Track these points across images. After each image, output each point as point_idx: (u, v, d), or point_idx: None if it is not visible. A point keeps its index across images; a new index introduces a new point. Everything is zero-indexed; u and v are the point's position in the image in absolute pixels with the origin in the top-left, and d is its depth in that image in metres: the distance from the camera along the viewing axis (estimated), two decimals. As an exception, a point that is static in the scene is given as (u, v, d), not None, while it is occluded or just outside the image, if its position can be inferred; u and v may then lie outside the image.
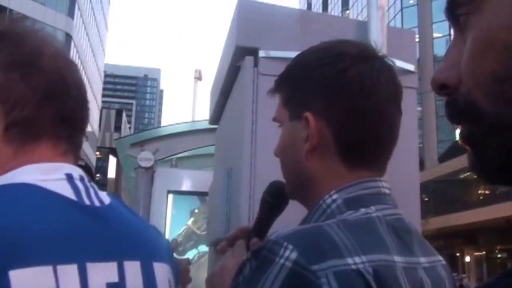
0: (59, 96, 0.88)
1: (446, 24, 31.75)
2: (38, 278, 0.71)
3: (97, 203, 0.87)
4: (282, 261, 0.80)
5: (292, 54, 1.84)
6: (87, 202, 0.85)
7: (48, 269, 0.73)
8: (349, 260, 0.82)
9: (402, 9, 39.28)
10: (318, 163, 1.00)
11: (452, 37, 0.56)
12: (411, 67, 2.08)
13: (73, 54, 33.14)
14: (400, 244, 0.92)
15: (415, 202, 2.12)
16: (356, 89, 0.98)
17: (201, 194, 7.12)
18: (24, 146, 0.85)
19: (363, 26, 2.17)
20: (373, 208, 0.94)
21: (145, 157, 7.16)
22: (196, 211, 8.32)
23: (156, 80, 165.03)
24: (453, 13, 0.53)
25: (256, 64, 1.94)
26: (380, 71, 1.01)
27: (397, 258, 0.88)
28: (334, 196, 0.96)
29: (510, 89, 0.46)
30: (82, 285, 0.78)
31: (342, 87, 0.99)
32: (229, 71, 2.20)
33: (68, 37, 34.88)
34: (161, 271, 0.96)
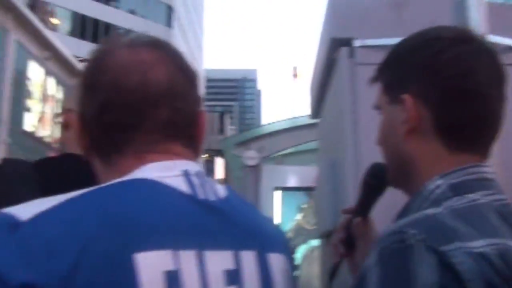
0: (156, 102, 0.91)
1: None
2: (159, 261, 0.76)
3: (212, 197, 0.90)
4: (414, 242, 0.82)
5: (388, 41, 1.83)
6: (201, 196, 0.88)
7: (168, 253, 0.77)
8: (472, 244, 0.82)
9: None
10: (417, 146, 1.01)
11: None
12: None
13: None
14: (510, 229, 0.90)
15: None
16: (454, 70, 0.98)
17: (307, 190, 7.18)
18: (106, 157, 0.92)
19: (460, 5, 2.09)
20: (479, 194, 0.93)
21: (250, 155, 7.34)
22: (305, 206, 8.38)
23: (254, 80, 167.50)
24: None
25: (351, 54, 1.95)
26: (479, 53, 1.00)
27: (511, 243, 0.86)
28: (438, 182, 0.96)
29: None
30: (201, 270, 0.81)
31: (440, 69, 0.99)
32: (326, 64, 2.22)
33: (169, 46, 36.17)
34: (277, 261, 0.96)
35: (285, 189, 8.01)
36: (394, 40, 1.86)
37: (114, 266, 0.72)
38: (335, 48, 2.03)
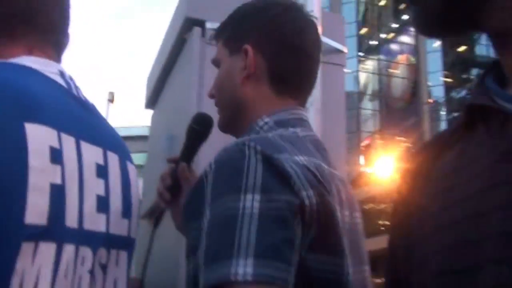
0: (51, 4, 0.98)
1: (354, 61, 33.50)
2: (46, 136, 0.79)
3: (83, 99, 0.97)
4: (252, 154, 0.94)
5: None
6: (76, 94, 0.95)
7: (54, 132, 0.81)
8: (297, 158, 0.98)
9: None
10: (252, 89, 1.18)
11: None
12: (341, 46, 2.31)
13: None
14: (322, 156, 1.09)
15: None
16: (289, 30, 1.18)
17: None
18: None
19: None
20: (298, 129, 1.11)
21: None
22: None
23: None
24: None
25: (203, 34, 2.08)
26: (308, 21, 1.21)
27: (323, 164, 1.05)
28: (266, 119, 1.14)
29: None
30: (78, 157, 0.85)
31: (278, 27, 1.18)
32: (175, 44, 2.32)
33: None
34: (132, 169, 1.05)
35: None
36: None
37: (7, 130, 0.74)
38: (188, 28, 2.14)
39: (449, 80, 28.92)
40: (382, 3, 31.50)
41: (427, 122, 26.78)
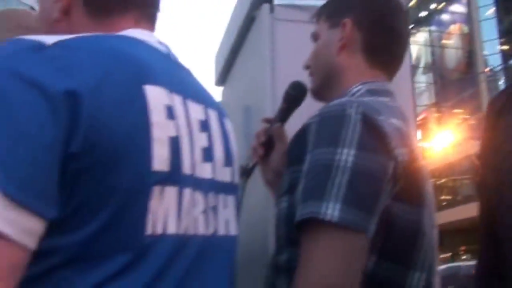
0: None
1: None
2: (161, 95, 0.88)
3: (180, 63, 1.08)
4: (353, 113, 1.06)
5: (304, 1, 2.11)
6: (175, 59, 1.07)
7: (166, 91, 0.90)
8: (391, 120, 1.12)
9: None
10: (346, 59, 1.33)
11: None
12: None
13: None
14: (407, 126, 1.22)
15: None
16: (385, 8, 1.36)
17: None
18: (102, 19, 1.02)
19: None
20: (387, 99, 1.25)
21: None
22: None
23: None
24: None
25: (272, 10, 2.20)
26: (398, 3, 1.40)
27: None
28: (360, 86, 1.28)
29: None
30: (185, 113, 0.94)
31: (376, 5, 1.37)
32: (244, 21, 2.46)
33: None
34: (229, 125, 1.15)
35: None
36: (310, 2, 2.16)
37: (130, 90, 0.83)
38: (257, 6, 2.27)
39: (505, 48, 27.92)
40: (430, -27, 30.60)
41: (485, 93, 26.04)
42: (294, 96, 1.50)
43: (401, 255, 1.10)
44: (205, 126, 1.01)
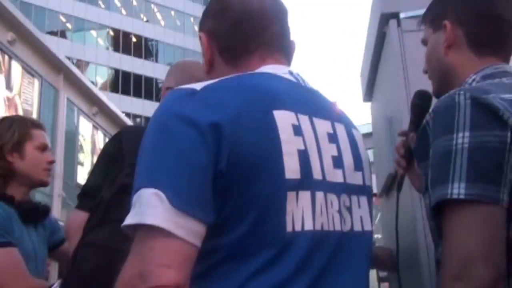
0: (243, 23, 1.23)
1: None
2: (288, 117, 1.04)
3: (310, 87, 1.24)
4: (462, 99, 1.12)
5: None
6: (303, 84, 1.22)
7: (293, 114, 1.06)
8: (503, 95, 1.14)
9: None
10: (455, 56, 1.38)
11: None
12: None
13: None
14: None
15: None
16: (481, 2, 1.39)
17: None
18: (235, 63, 1.24)
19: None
20: (504, 78, 1.28)
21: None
22: None
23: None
24: None
25: (399, 25, 2.33)
26: None
27: None
28: (473, 76, 1.33)
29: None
30: (313, 128, 1.10)
31: (472, 1, 1.40)
32: (377, 40, 2.60)
33: None
34: (358, 135, 1.27)
35: None
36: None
37: (262, 117, 1.01)
38: (385, 23, 2.41)
39: None
40: None
41: None
42: (420, 105, 1.58)
43: None
44: (333, 138, 1.15)
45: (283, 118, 1.03)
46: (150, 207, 0.89)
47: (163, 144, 0.95)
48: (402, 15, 2.30)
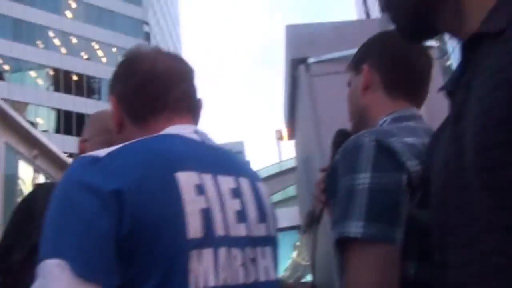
0: (149, 84, 1.26)
1: None
2: (191, 178, 1.07)
3: (215, 145, 1.28)
4: (367, 141, 1.17)
5: (334, 55, 2.34)
6: (209, 143, 1.24)
7: (195, 173, 1.09)
8: (405, 139, 1.20)
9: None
10: (371, 98, 1.44)
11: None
12: (432, 42, 2.51)
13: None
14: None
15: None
16: (398, 50, 1.46)
17: (298, 228, 7.43)
18: (140, 123, 1.26)
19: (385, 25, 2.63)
20: (411, 122, 1.34)
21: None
22: (298, 243, 8.51)
23: (241, 152, 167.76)
24: None
25: (308, 69, 2.45)
26: (419, 45, 1.48)
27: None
28: (385, 118, 1.38)
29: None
30: (216, 186, 1.12)
31: (386, 47, 1.47)
32: (290, 84, 2.72)
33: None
34: (262, 187, 1.31)
35: (277, 230, 8.21)
36: (337, 54, 2.38)
37: (164, 180, 1.03)
38: (295, 67, 2.53)
39: None
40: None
41: None
42: (340, 142, 1.54)
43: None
44: (237, 192, 1.18)
45: (186, 179, 1.06)
46: (52, 279, 0.92)
47: (66, 213, 0.98)
48: (310, 60, 2.42)
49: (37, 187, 2.06)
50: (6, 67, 35.04)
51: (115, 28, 41.76)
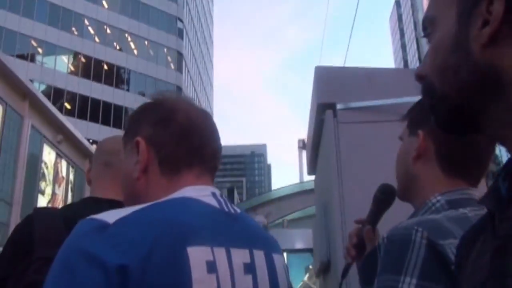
0: (191, 137, 1.20)
1: None
2: (202, 254, 1.00)
3: (232, 211, 1.18)
4: (418, 239, 1.06)
5: (363, 103, 2.31)
6: (226, 209, 1.17)
7: (208, 248, 1.02)
8: None
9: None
10: (422, 168, 1.33)
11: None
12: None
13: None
14: None
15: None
16: None
17: (312, 251, 7.33)
18: (172, 176, 1.17)
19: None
20: (468, 208, 1.20)
21: (258, 220, 7.62)
22: (311, 267, 8.47)
23: (263, 155, 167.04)
24: (424, 33, 0.86)
25: (335, 115, 2.43)
26: None
27: None
28: (438, 198, 1.27)
29: (449, 75, 0.75)
30: (229, 262, 1.06)
31: None
32: (316, 125, 2.70)
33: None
34: (278, 259, 1.25)
35: (291, 251, 8.19)
36: (367, 103, 2.35)
37: (175, 255, 0.97)
38: (323, 111, 2.51)
39: None
40: None
41: None
42: (382, 199, 1.55)
43: None
44: (250, 268, 1.12)
45: (197, 256, 1.00)
46: None
47: (65, 283, 0.92)
48: (338, 106, 2.41)
49: (37, 213, 1.89)
50: (40, 50, 35.56)
51: (149, 22, 42.09)
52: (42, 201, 17.54)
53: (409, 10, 78.33)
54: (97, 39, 38.75)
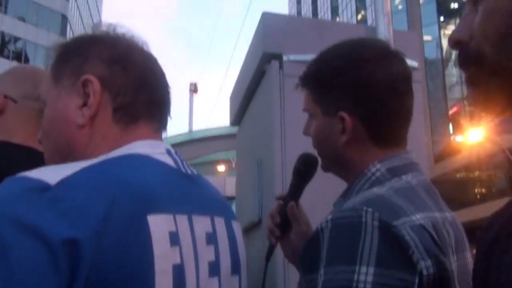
0: (151, 84, 1.06)
1: (435, 27, 32.00)
2: (165, 223, 0.88)
3: (189, 172, 1.08)
4: (369, 221, 0.96)
5: (312, 57, 2.15)
6: (183, 170, 1.05)
7: (170, 216, 0.90)
8: (413, 217, 1.00)
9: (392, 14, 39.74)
10: (356, 151, 1.22)
11: (457, 22, 0.82)
12: (415, 64, 2.39)
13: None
14: (434, 203, 1.11)
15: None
16: (381, 88, 1.19)
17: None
18: (127, 126, 1.03)
19: (371, 31, 2.48)
20: (410, 175, 1.15)
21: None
22: None
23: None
24: None
25: (281, 67, 2.25)
26: (398, 66, 1.22)
27: (437, 214, 1.06)
28: (378, 166, 1.18)
29: (509, 43, 0.68)
30: (191, 232, 0.95)
31: (370, 89, 1.19)
32: (254, 75, 2.51)
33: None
34: (238, 227, 1.17)
35: None
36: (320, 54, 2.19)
37: (134, 226, 0.82)
38: (265, 61, 2.32)
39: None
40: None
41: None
42: (303, 171, 1.42)
43: None
44: (212, 238, 1.03)
45: (159, 225, 0.86)
46: None
47: None
48: (285, 58, 2.23)
49: None
50: None
51: None
52: None
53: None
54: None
